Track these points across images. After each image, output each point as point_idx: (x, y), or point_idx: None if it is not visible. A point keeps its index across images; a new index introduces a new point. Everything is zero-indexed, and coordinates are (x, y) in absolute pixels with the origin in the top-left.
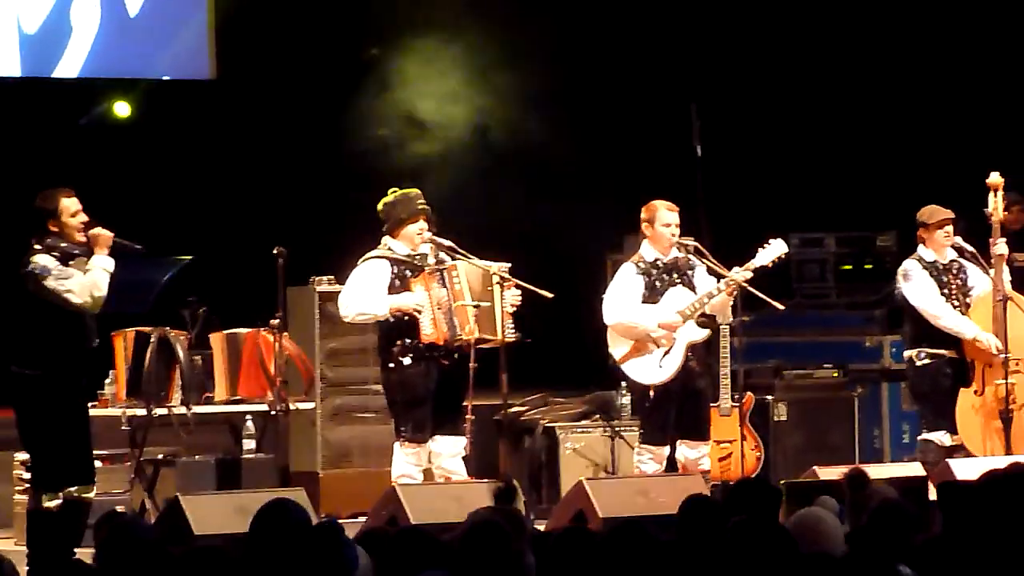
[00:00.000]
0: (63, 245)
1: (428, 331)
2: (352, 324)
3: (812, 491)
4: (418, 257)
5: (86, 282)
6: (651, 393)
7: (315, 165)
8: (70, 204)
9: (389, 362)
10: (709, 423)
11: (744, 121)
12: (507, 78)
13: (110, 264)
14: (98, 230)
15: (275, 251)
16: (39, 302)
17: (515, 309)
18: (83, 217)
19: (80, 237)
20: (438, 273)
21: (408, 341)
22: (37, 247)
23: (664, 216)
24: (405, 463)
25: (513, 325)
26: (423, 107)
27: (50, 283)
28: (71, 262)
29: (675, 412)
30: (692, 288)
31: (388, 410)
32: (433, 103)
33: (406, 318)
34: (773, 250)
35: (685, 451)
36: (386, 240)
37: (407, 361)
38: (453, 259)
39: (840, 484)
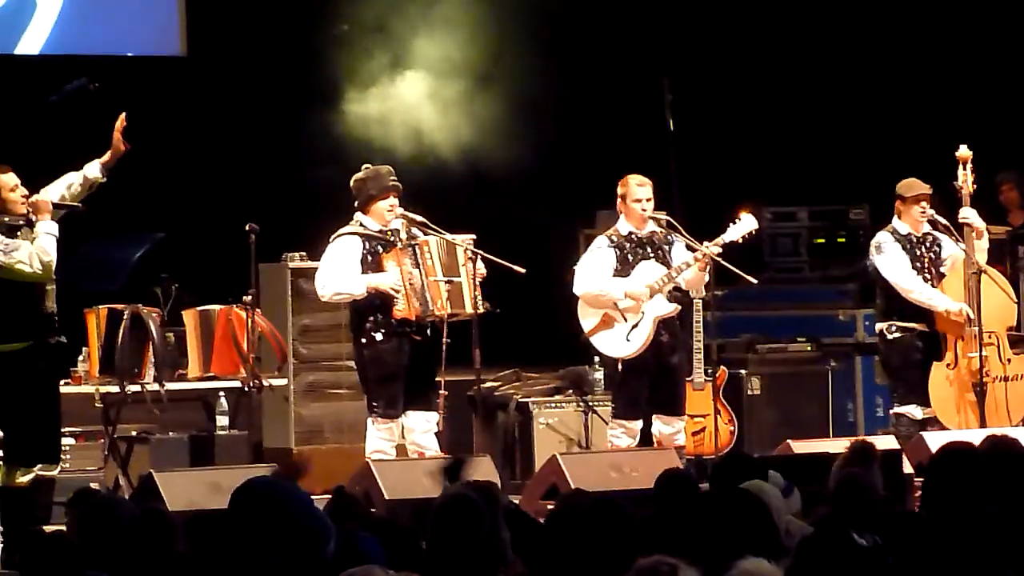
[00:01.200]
0: (6, 219)
1: (400, 307)
2: (327, 302)
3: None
4: (390, 233)
5: (33, 250)
6: (619, 367)
7: (287, 141)
8: (7, 180)
9: (361, 338)
10: (684, 398)
11: (716, 95)
12: (479, 54)
13: (54, 228)
14: (36, 198)
15: (247, 227)
16: None
17: (482, 279)
18: (23, 191)
19: (22, 209)
20: (410, 249)
21: (380, 317)
22: None
23: (635, 191)
24: (378, 439)
25: (481, 296)
26: (396, 83)
27: None
28: (18, 232)
29: (649, 387)
30: (666, 263)
31: (361, 386)
32: (407, 77)
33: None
34: (743, 226)
35: (660, 426)
36: (358, 216)
37: (379, 337)
38: (425, 234)
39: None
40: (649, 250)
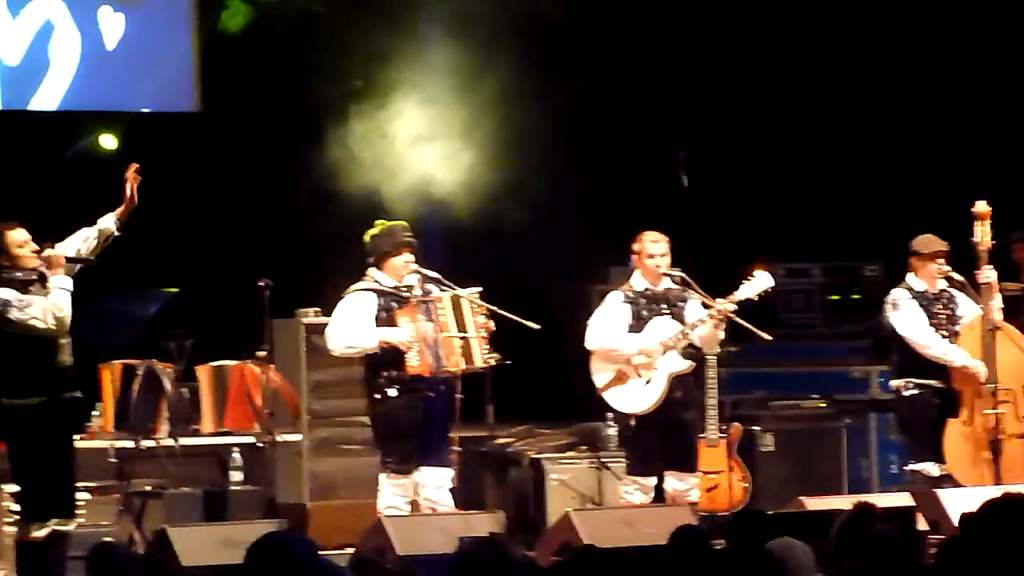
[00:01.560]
0: (18, 275)
1: (414, 363)
2: (339, 357)
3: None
4: (404, 289)
5: (47, 306)
6: (632, 423)
7: (300, 197)
8: (17, 236)
9: (375, 394)
10: (697, 455)
11: (730, 152)
12: (493, 111)
13: (68, 283)
14: (49, 252)
15: (260, 283)
16: (6, 334)
17: (491, 333)
18: (33, 246)
19: (33, 264)
20: (423, 305)
21: (394, 373)
22: None
23: (649, 248)
24: (391, 495)
25: (489, 347)
26: (407, 139)
27: (13, 315)
28: (31, 288)
29: (661, 443)
30: (681, 320)
31: (374, 442)
32: (418, 135)
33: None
34: (758, 283)
35: (673, 483)
36: (372, 272)
37: (392, 393)
38: (440, 290)
39: (839, 515)
40: (663, 306)
